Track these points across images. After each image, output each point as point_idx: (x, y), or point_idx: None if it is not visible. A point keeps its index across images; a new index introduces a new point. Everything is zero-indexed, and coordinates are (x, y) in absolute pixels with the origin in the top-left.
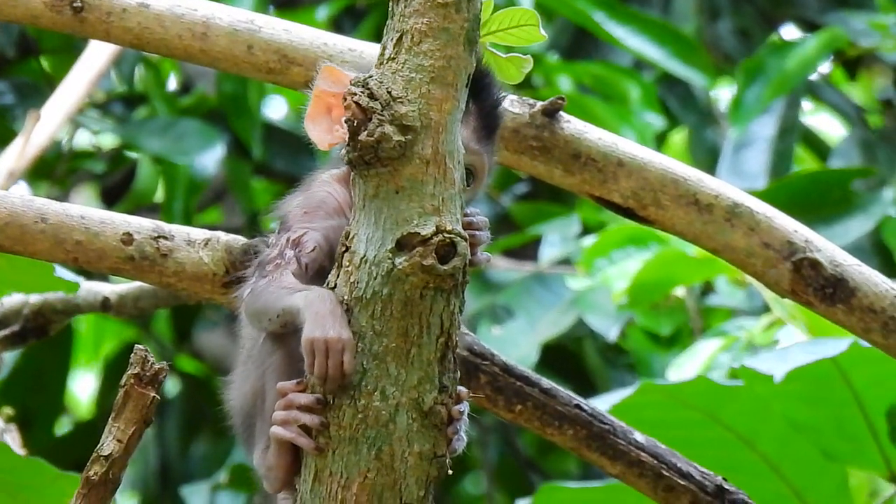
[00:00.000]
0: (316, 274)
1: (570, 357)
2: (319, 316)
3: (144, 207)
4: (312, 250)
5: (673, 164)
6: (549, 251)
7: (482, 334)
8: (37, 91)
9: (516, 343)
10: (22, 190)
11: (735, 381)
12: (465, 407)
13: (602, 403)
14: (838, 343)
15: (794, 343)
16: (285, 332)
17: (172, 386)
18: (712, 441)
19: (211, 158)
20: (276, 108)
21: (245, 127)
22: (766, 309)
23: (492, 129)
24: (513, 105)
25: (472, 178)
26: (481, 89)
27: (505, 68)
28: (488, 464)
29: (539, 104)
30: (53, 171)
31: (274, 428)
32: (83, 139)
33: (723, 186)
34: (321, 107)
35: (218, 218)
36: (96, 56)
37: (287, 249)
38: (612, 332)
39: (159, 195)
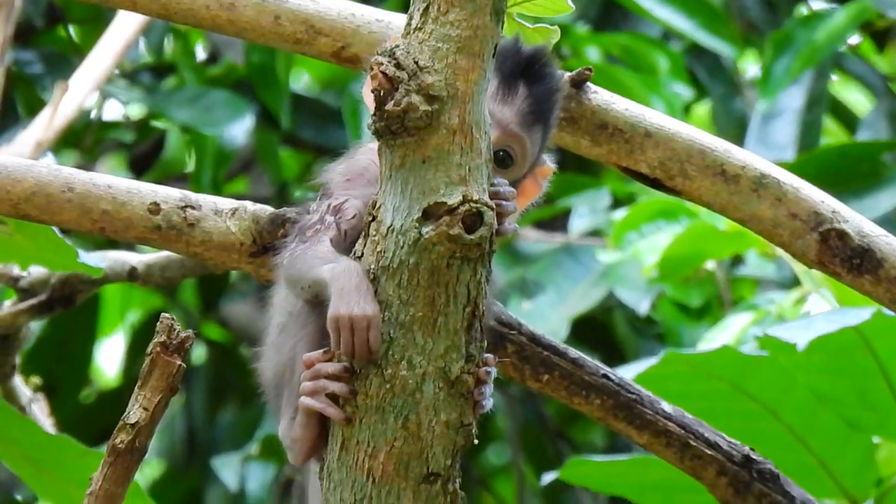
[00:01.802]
0: (354, 241)
1: (599, 328)
2: (345, 291)
3: (173, 177)
4: (352, 217)
5: (700, 134)
6: (579, 223)
7: (512, 308)
8: (65, 61)
9: (546, 317)
10: (49, 160)
11: (760, 352)
12: (492, 370)
13: (627, 372)
14: (862, 312)
15: (818, 312)
16: (318, 305)
17: (199, 355)
18: (737, 412)
19: (239, 129)
20: (304, 79)
21: (273, 97)
22: (795, 280)
23: (540, 115)
24: None
25: (511, 161)
26: (536, 74)
27: (532, 39)
28: (514, 433)
29: (566, 75)
30: (81, 140)
31: (302, 398)
32: (111, 109)
33: (750, 157)
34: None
35: (245, 188)
36: (124, 26)
37: (327, 216)
38: (642, 306)
39: (188, 165)
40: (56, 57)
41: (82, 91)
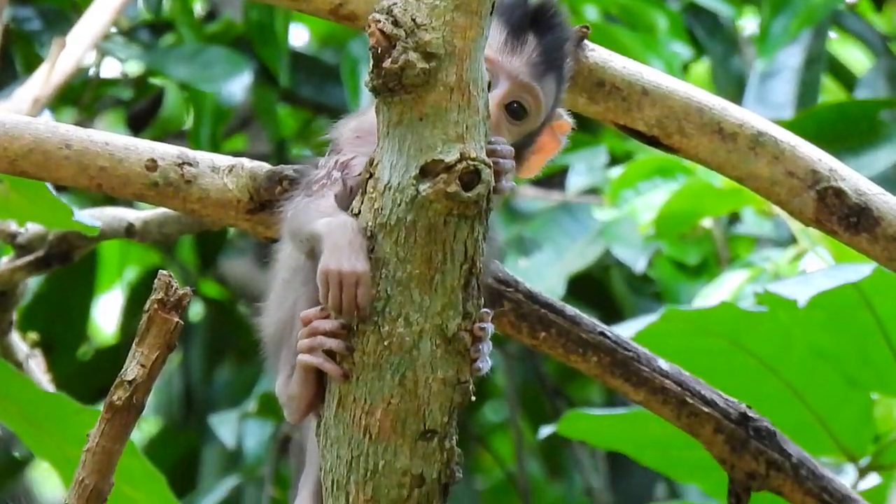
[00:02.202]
0: None
1: (596, 286)
2: (337, 246)
3: (171, 134)
4: (359, 174)
5: (697, 92)
6: (576, 181)
7: (509, 266)
8: (63, 17)
9: (543, 275)
10: (46, 117)
11: (759, 308)
12: (489, 327)
13: (626, 330)
14: (861, 268)
15: (816, 269)
16: (315, 260)
17: (196, 312)
18: (736, 369)
19: (238, 86)
20: (302, 35)
21: (272, 54)
22: (792, 239)
23: (551, 65)
24: None
25: (524, 113)
26: (545, 23)
27: None
28: (512, 391)
29: (573, 35)
30: (79, 98)
31: (299, 356)
32: (109, 67)
33: (747, 115)
34: None
35: (244, 145)
36: None
37: (335, 171)
38: (639, 263)
39: (186, 122)
40: (54, 14)
41: (80, 47)
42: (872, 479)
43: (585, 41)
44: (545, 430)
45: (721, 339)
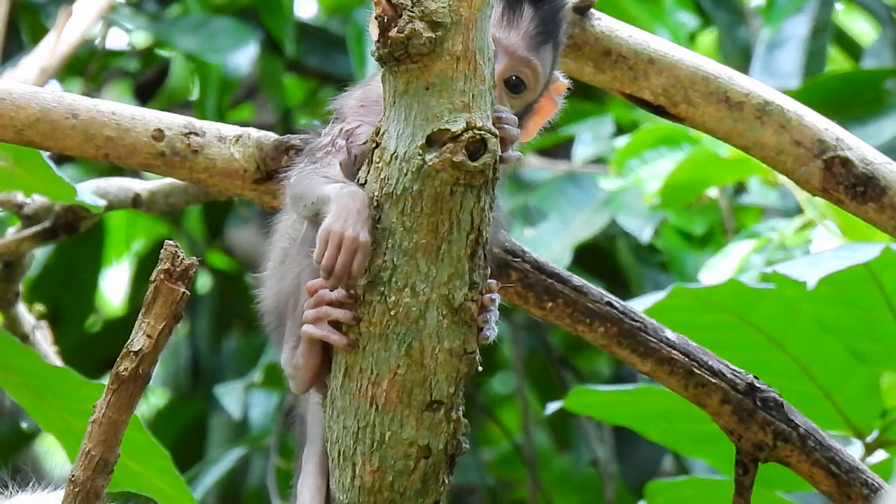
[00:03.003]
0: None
1: (602, 256)
2: (345, 210)
3: (177, 105)
4: (364, 143)
5: (704, 61)
6: (583, 150)
7: (515, 235)
8: None
9: (549, 244)
10: (53, 87)
11: (766, 284)
12: (495, 297)
13: (635, 306)
14: (870, 248)
15: (825, 248)
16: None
17: (204, 283)
18: (743, 343)
19: (244, 56)
20: (308, 6)
21: (277, 24)
22: (798, 209)
23: (548, 35)
24: None
25: (524, 86)
26: None
27: None
28: (519, 362)
29: (571, 1)
30: (86, 68)
31: (305, 327)
32: (116, 38)
33: (753, 84)
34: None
35: (250, 115)
36: None
37: (339, 139)
38: (645, 233)
39: (192, 93)
40: None
41: (86, 18)
42: (879, 455)
43: (592, 10)
44: (552, 406)
45: (728, 314)
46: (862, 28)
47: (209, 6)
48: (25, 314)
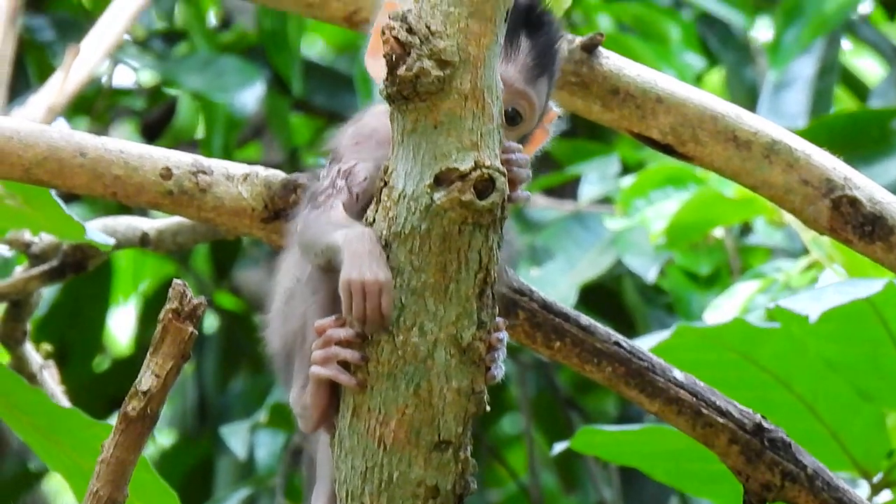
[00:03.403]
0: (367, 204)
1: (608, 296)
2: (357, 256)
3: (184, 144)
4: (363, 180)
5: (712, 100)
6: (589, 190)
7: (521, 274)
8: (76, 27)
9: (555, 284)
10: (61, 125)
11: (771, 324)
12: (503, 336)
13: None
14: (873, 283)
15: (828, 284)
16: (331, 272)
17: (211, 322)
18: (748, 382)
19: (251, 95)
20: (315, 44)
21: (285, 63)
22: (804, 250)
23: (544, 68)
24: None
25: (520, 118)
26: (535, 25)
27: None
28: (526, 402)
29: (578, 40)
30: (93, 107)
31: (313, 367)
32: (123, 76)
33: (761, 123)
34: (381, 43)
35: (257, 154)
36: None
37: (338, 180)
38: (650, 273)
39: (199, 131)
40: (67, 23)
41: (94, 56)
42: (885, 496)
43: (600, 48)
44: (559, 447)
45: (733, 353)
46: (870, 66)
47: (216, 45)
48: (33, 354)
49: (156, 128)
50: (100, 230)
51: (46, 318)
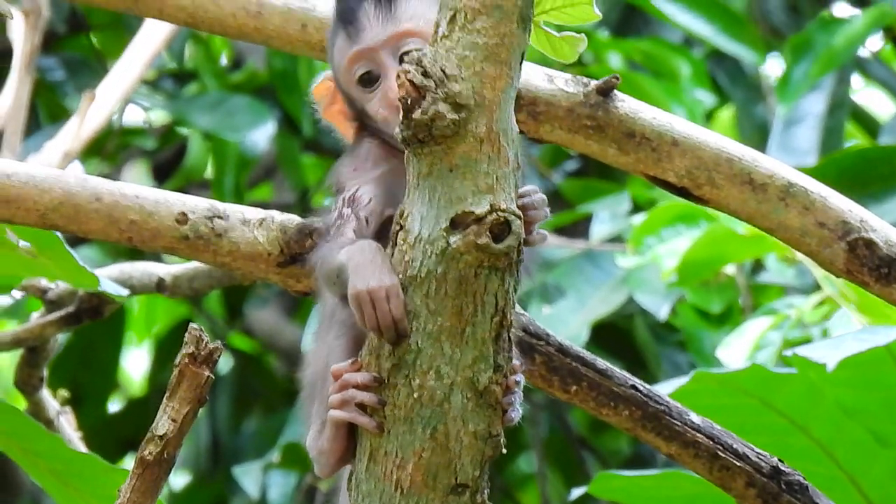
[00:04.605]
0: (383, 226)
1: (620, 334)
2: (360, 267)
3: (195, 184)
4: (368, 202)
5: (727, 143)
6: (600, 229)
7: (533, 313)
8: (87, 67)
9: (566, 322)
10: (76, 170)
11: (788, 369)
12: (520, 378)
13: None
14: (890, 331)
15: (846, 331)
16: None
17: (224, 363)
18: (766, 427)
19: (261, 135)
20: None
21: (295, 103)
22: (816, 286)
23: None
24: (567, 84)
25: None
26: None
27: (559, 47)
28: (539, 442)
29: (593, 83)
30: (104, 147)
31: (331, 412)
32: (134, 115)
33: (777, 166)
34: (331, 107)
35: (268, 194)
36: (151, 35)
37: (345, 209)
38: (662, 311)
39: (210, 171)
40: (78, 63)
41: (109, 101)
42: None
43: (615, 92)
44: (577, 492)
45: (751, 398)
46: (880, 103)
47: (227, 85)
48: (49, 399)
49: (167, 168)
50: (115, 276)
51: (59, 360)
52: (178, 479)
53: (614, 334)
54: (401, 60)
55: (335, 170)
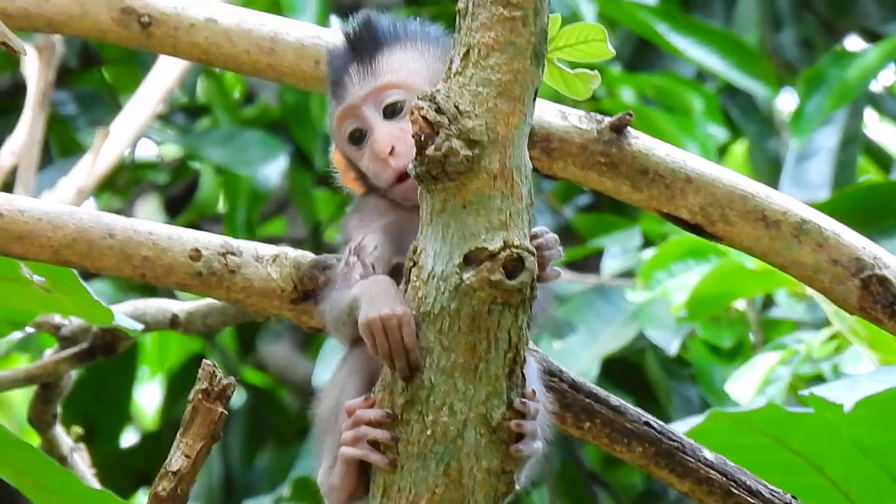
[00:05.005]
0: (391, 274)
1: (631, 369)
2: (372, 297)
3: (207, 218)
4: (374, 249)
5: (741, 179)
6: (611, 264)
7: (544, 348)
8: (99, 101)
9: (577, 357)
10: (90, 205)
11: (804, 408)
12: (539, 406)
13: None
14: None
15: (856, 367)
16: (362, 342)
17: (237, 397)
18: (781, 466)
19: (273, 169)
20: None
21: (307, 137)
22: (827, 322)
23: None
24: (581, 121)
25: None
26: (362, 44)
27: (572, 84)
28: (551, 476)
29: (607, 120)
30: (115, 181)
31: (343, 448)
32: (146, 150)
33: (790, 202)
34: (347, 174)
35: (281, 228)
36: (164, 71)
37: (351, 257)
38: (672, 346)
39: (222, 206)
40: (90, 97)
41: (123, 137)
42: None
43: (629, 128)
44: None
45: (766, 438)
46: (893, 138)
47: (238, 119)
48: (63, 436)
49: (179, 202)
50: (129, 313)
51: (72, 394)
52: None
53: (625, 369)
54: (384, 113)
55: (344, 223)
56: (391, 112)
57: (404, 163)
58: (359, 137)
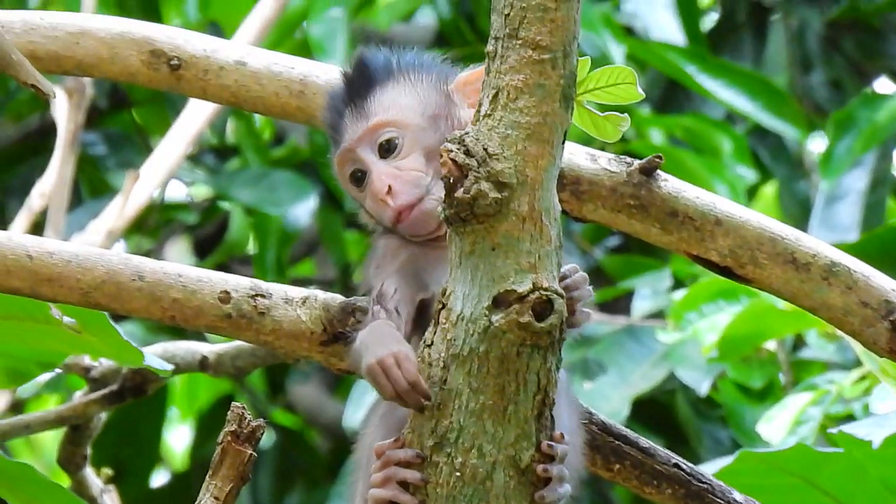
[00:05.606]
0: (421, 312)
1: (661, 410)
2: (372, 343)
3: (237, 259)
4: (394, 293)
5: (770, 222)
6: (641, 305)
7: (574, 389)
8: (128, 142)
9: (608, 397)
10: (119, 247)
11: (833, 448)
12: (569, 448)
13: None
14: None
15: (887, 407)
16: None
17: (266, 438)
18: None
19: (303, 210)
20: None
21: None
22: (857, 362)
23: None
24: (610, 164)
25: (397, 144)
26: (357, 86)
27: (602, 127)
28: None
29: (636, 163)
30: (145, 222)
31: (373, 490)
32: (175, 190)
33: (820, 245)
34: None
35: (311, 270)
36: (194, 112)
37: (374, 306)
38: (703, 386)
39: (251, 247)
40: (119, 138)
41: (153, 179)
42: None
43: (658, 171)
44: None
45: (795, 478)
46: None
47: (268, 159)
48: (93, 477)
49: (208, 243)
50: (159, 354)
51: (102, 435)
52: None
53: (655, 410)
54: (380, 152)
55: (364, 272)
56: (386, 150)
57: (402, 201)
58: (360, 178)
